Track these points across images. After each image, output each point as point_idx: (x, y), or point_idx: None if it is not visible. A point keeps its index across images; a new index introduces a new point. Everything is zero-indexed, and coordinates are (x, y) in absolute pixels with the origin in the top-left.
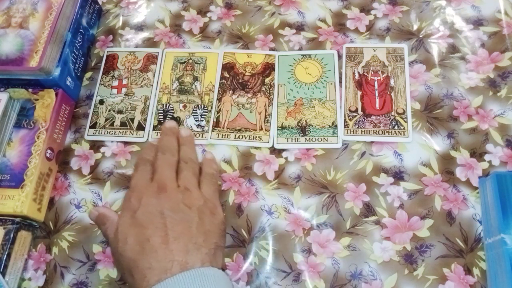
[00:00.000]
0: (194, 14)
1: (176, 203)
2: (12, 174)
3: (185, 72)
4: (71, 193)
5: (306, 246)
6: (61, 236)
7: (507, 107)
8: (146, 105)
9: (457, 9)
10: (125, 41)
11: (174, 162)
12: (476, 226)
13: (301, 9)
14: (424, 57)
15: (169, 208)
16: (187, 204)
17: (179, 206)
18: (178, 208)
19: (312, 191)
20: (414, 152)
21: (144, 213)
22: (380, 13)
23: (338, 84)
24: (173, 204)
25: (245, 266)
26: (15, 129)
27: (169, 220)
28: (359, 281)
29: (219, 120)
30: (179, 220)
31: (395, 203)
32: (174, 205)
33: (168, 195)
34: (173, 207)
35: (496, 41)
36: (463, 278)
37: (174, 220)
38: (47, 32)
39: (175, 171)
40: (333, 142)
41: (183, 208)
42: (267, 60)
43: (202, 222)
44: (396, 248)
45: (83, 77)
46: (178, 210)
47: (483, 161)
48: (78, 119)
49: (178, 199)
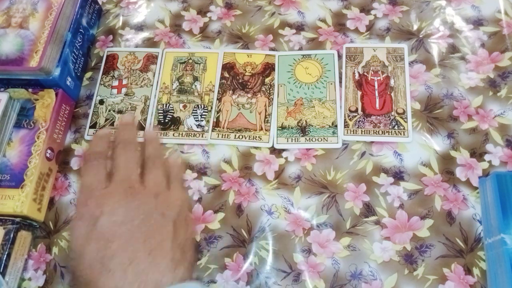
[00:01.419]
0: (194, 14)
1: (149, 211)
2: (12, 174)
3: (185, 72)
4: (71, 193)
5: (306, 246)
6: (61, 236)
7: (507, 107)
8: (146, 105)
9: (457, 9)
10: (125, 41)
11: (138, 159)
12: (476, 226)
13: (301, 9)
14: (424, 57)
15: (139, 217)
16: (160, 212)
17: (152, 214)
18: (151, 217)
19: (312, 191)
20: (414, 152)
21: (108, 223)
22: (380, 13)
23: (338, 84)
24: (145, 212)
25: (245, 266)
26: (15, 129)
27: (140, 231)
28: (359, 281)
29: (219, 120)
30: (152, 231)
31: (395, 203)
32: (146, 213)
33: (138, 201)
34: (145, 216)
35: (496, 41)
36: (463, 278)
37: (146, 232)
38: (47, 32)
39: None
40: (333, 142)
41: (156, 217)
42: (267, 60)
43: (177, 234)
44: (396, 248)
45: (83, 77)
46: (151, 220)
47: (483, 161)
48: (78, 119)
49: (150, 206)
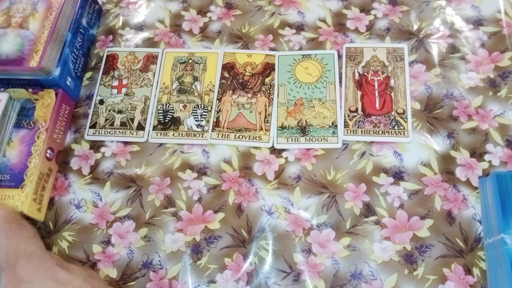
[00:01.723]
0: (194, 14)
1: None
2: (12, 174)
3: (185, 72)
4: (71, 193)
5: (306, 246)
6: (61, 236)
7: (507, 107)
8: (146, 105)
9: (457, 9)
10: (125, 41)
11: None
12: (476, 226)
13: (301, 9)
14: (424, 57)
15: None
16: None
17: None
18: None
19: (312, 191)
20: (414, 152)
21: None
22: (380, 13)
23: (338, 84)
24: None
25: (245, 266)
26: (15, 129)
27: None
28: (359, 281)
29: (219, 120)
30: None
31: (395, 203)
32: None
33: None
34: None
35: (496, 41)
36: (463, 278)
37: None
38: (47, 32)
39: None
40: (333, 142)
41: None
42: (267, 60)
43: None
44: (396, 248)
45: (83, 77)
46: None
47: (483, 161)
48: (78, 119)
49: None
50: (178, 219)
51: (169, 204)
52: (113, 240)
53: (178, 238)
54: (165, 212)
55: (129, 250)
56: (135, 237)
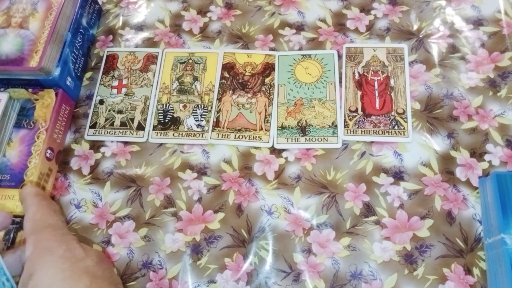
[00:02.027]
0: (194, 14)
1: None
2: (12, 174)
3: (185, 72)
4: (71, 193)
5: (306, 246)
6: None
7: (507, 107)
8: (146, 105)
9: (457, 9)
10: (125, 41)
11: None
12: (476, 226)
13: (301, 9)
14: (424, 57)
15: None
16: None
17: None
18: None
19: (312, 191)
20: (414, 152)
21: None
22: (380, 13)
23: (338, 84)
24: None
25: (245, 266)
26: (15, 129)
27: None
28: (359, 281)
29: (219, 120)
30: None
31: (395, 203)
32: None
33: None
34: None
35: (496, 41)
36: (463, 278)
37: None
38: (47, 32)
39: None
40: (333, 142)
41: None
42: (267, 60)
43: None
44: (396, 248)
45: (83, 77)
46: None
47: (483, 161)
48: (78, 119)
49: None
50: (178, 219)
51: (169, 204)
52: (113, 240)
53: (178, 238)
54: (165, 212)
55: (129, 250)
56: (135, 237)
